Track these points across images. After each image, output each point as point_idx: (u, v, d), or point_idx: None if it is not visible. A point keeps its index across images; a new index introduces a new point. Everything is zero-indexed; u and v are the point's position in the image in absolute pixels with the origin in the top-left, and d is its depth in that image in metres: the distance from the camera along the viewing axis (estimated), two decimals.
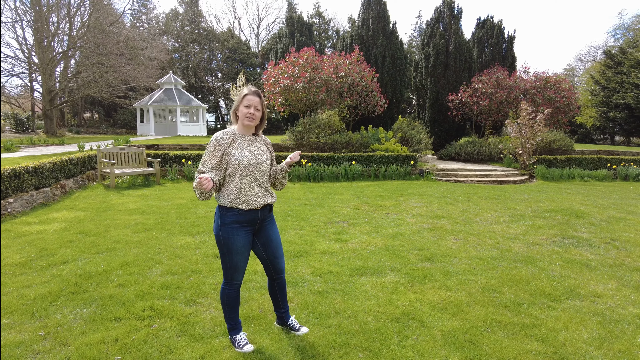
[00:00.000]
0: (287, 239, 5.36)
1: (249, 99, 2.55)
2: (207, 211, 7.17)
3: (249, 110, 2.54)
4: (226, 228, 2.53)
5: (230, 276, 2.64)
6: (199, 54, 48.21)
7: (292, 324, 2.94)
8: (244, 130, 2.61)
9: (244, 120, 2.56)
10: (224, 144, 2.51)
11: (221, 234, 2.55)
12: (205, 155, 2.51)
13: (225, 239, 2.54)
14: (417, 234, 5.71)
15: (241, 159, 2.51)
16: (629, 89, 26.23)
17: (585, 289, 3.74)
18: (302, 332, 2.89)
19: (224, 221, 2.53)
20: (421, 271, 4.16)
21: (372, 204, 8.06)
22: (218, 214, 2.57)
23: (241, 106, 2.57)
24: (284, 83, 13.47)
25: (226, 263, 2.60)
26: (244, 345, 2.68)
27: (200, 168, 2.49)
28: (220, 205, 2.56)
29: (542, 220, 6.62)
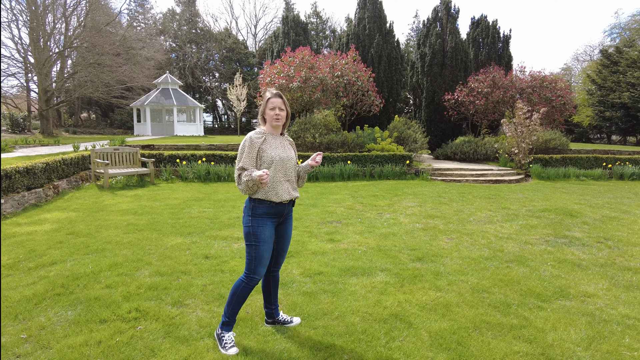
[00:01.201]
0: None
1: (273, 101, 2.76)
2: (199, 211, 7.13)
3: (275, 112, 2.75)
4: (257, 219, 2.73)
5: (254, 269, 2.75)
6: (196, 53, 48.13)
7: (282, 319, 3.05)
8: (272, 130, 2.83)
9: (272, 122, 2.78)
10: (258, 142, 2.72)
11: (251, 224, 2.72)
12: (243, 153, 2.69)
13: (255, 229, 2.72)
14: (409, 234, 5.68)
15: (274, 156, 2.73)
16: (625, 88, 26.28)
17: (576, 289, 3.72)
18: (295, 323, 3.03)
19: (255, 212, 2.73)
20: (412, 271, 4.14)
21: (366, 203, 8.04)
22: (249, 206, 2.76)
23: (267, 109, 2.78)
24: (280, 83, 13.43)
25: (252, 254, 2.73)
26: (230, 348, 2.71)
27: (242, 165, 2.68)
28: (252, 198, 2.75)
29: (536, 219, 6.61)
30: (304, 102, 13.90)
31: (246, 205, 2.79)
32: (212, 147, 15.10)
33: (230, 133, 41.85)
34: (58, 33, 29.94)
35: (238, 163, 2.70)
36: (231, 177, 11.07)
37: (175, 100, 30.81)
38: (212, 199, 8.46)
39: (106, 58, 29.73)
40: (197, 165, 11.12)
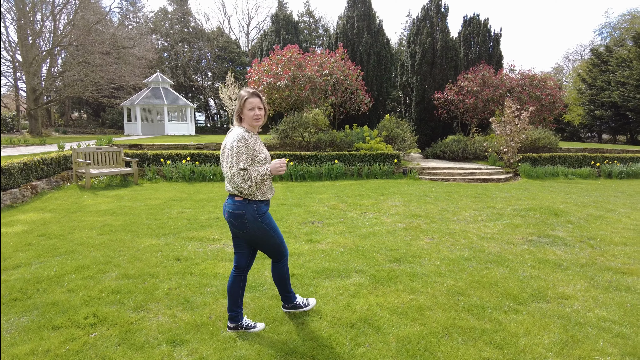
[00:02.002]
0: None
1: (251, 101, 2.73)
2: (179, 212, 6.97)
3: (255, 112, 2.74)
4: (264, 216, 2.82)
5: (282, 252, 2.99)
6: (188, 52, 47.81)
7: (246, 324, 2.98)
8: (252, 129, 2.83)
9: (253, 122, 2.77)
10: (251, 142, 2.71)
11: (262, 222, 2.80)
12: (242, 154, 2.65)
13: (267, 224, 2.83)
14: (390, 234, 5.57)
15: (266, 155, 2.82)
16: (615, 87, 26.38)
17: (554, 291, 3.61)
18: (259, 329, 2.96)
19: (262, 211, 2.80)
20: (387, 273, 4.01)
21: (351, 203, 7.92)
22: (252, 208, 2.75)
23: (245, 110, 2.75)
24: (267, 81, 13.27)
25: (275, 244, 2.90)
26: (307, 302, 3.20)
27: (242, 166, 2.64)
28: (254, 200, 2.76)
29: (521, 219, 6.51)
30: (292, 100, 13.75)
31: (247, 209, 2.74)
32: (200, 146, 14.92)
33: (222, 132, 41.59)
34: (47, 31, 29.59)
35: (238, 164, 2.63)
36: (216, 176, 10.91)
37: (165, 100, 30.53)
38: (194, 199, 8.30)
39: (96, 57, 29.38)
40: (181, 164, 10.94)
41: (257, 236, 2.81)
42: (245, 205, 2.73)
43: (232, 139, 2.66)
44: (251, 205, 2.73)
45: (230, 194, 2.82)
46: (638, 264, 4.37)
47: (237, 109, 2.79)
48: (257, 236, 2.81)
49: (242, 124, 2.80)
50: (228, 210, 2.78)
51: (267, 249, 2.93)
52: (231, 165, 2.63)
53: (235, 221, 2.76)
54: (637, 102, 24.55)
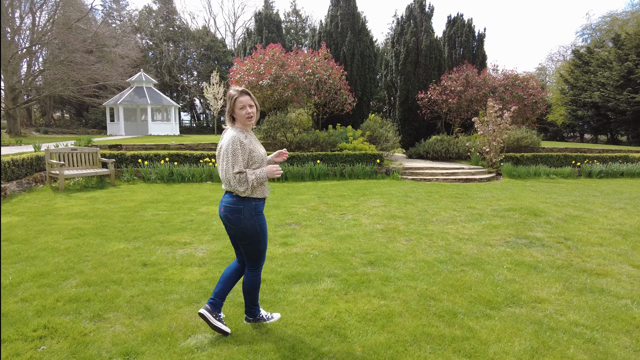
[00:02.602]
0: (228, 244, 5.03)
1: (241, 100, 2.70)
2: (153, 214, 6.77)
3: (246, 110, 2.70)
4: (260, 216, 2.80)
5: (261, 260, 2.92)
6: (173, 52, 47.24)
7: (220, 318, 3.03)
8: (246, 128, 2.79)
9: (246, 121, 2.73)
10: (247, 143, 2.68)
11: (257, 223, 2.77)
12: (238, 156, 2.63)
13: (261, 226, 2.80)
14: (367, 236, 5.46)
15: (262, 154, 2.80)
16: (596, 87, 26.77)
17: (528, 294, 3.54)
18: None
19: (258, 210, 2.78)
20: (360, 277, 3.90)
21: (331, 204, 7.80)
22: (250, 205, 2.73)
23: (236, 109, 2.71)
24: (249, 80, 13.10)
25: (259, 249, 2.84)
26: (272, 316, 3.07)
27: (239, 169, 2.62)
28: (252, 198, 2.73)
29: (500, 219, 6.47)
30: (275, 100, 13.59)
31: (245, 205, 2.72)
32: (182, 146, 14.66)
33: (208, 132, 41.17)
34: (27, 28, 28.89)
35: (234, 167, 2.62)
36: (195, 177, 10.70)
37: (149, 99, 30.05)
38: (170, 200, 8.10)
39: (77, 55, 28.79)
40: (160, 165, 10.71)
41: (248, 234, 2.77)
42: (243, 201, 2.73)
43: (227, 142, 2.64)
44: (249, 202, 2.73)
45: (226, 191, 2.81)
46: (612, 265, 4.33)
47: (228, 109, 2.75)
48: (248, 234, 2.77)
49: (235, 124, 2.77)
50: (225, 204, 2.76)
51: (249, 251, 2.85)
52: (227, 169, 2.63)
53: (232, 215, 2.74)
54: (617, 103, 24.95)
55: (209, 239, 5.31)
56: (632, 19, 34.10)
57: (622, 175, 13.35)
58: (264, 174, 2.68)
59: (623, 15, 36.18)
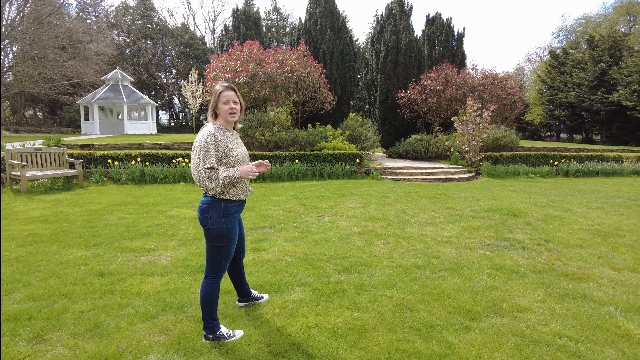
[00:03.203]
0: (194, 251, 4.73)
1: (226, 94, 2.63)
2: (119, 218, 6.40)
3: (230, 106, 2.64)
4: (230, 219, 2.69)
5: (224, 267, 2.78)
6: (151, 49, 46.23)
7: (254, 295, 3.31)
8: (227, 125, 2.72)
9: (228, 117, 2.66)
10: (222, 140, 2.60)
11: (225, 226, 2.67)
12: (210, 152, 2.54)
13: (229, 230, 2.69)
14: (344, 240, 5.23)
15: (239, 154, 2.68)
16: (572, 88, 27.24)
17: (509, 302, 3.35)
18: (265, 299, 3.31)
19: (229, 212, 2.68)
20: (333, 285, 3.66)
21: (309, 205, 7.54)
22: (219, 206, 2.65)
23: (220, 104, 2.65)
24: (225, 77, 12.72)
25: (222, 254, 2.72)
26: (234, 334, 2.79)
27: (210, 165, 2.54)
28: (223, 199, 2.65)
29: (479, 220, 6.32)
30: (252, 98, 13.25)
31: (213, 205, 2.65)
32: (157, 146, 14.21)
33: (187, 131, 40.39)
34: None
35: (204, 162, 2.53)
36: (168, 178, 10.30)
37: (125, 97, 29.18)
38: (140, 203, 7.71)
39: (49, 51, 27.79)
40: (130, 166, 10.26)
41: (213, 235, 2.67)
42: (213, 202, 2.65)
43: (201, 137, 2.56)
44: (219, 203, 2.65)
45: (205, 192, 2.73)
46: (593, 269, 4.20)
47: (212, 104, 2.67)
48: (213, 235, 2.67)
49: (217, 120, 2.70)
50: (200, 205, 2.72)
51: (211, 254, 2.73)
52: (198, 163, 2.54)
53: (201, 215, 2.68)
54: (592, 103, 25.43)
55: (175, 245, 4.99)
56: (605, 22, 34.92)
57: (598, 174, 13.50)
58: (237, 173, 2.58)
59: (596, 18, 37.05)
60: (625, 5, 34.51)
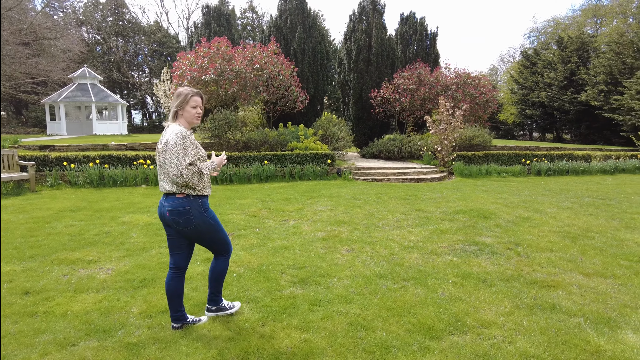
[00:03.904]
0: (140, 263, 4.32)
1: (196, 100, 2.75)
2: (66, 225, 5.90)
3: (197, 111, 2.76)
4: (209, 211, 2.84)
5: (228, 246, 3.00)
6: (123, 47, 44.90)
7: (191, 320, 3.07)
8: (188, 127, 2.79)
9: (193, 120, 2.77)
10: (192, 139, 2.70)
11: (208, 217, 2.81)
12: (188, 149, 2.62)
13: (213, 218, 2.85)
14: (305, 246, 4.90)
15: (204, 152, 2.82)
16: (543, 87, 27.70)
17: (474, 317, 3.09)
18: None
19: (206, 207, 2.82)
20: (285, 301, 3.33)
21: (274, 209, 7.19)
22: (197, 203, 2.74)
23: (188, 107, 2.73)
24: (192, 75, 12.23)
25: (221, 237, 2.92)
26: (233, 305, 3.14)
27: (190, 161, 2.62)
28: (196, 196, 2.74)
29: (448, 223, 6.11)
30: (220, 96, 12.79)
31: (192, 205, 2.72)
32: (122, 147, 13.58)
33: (159, 131, 39.29)
34: None
35: (184, 159, 2.59)
36: (128, 181, 9.77)
37: (93, 97, 28.07)
38: (94, 208, 7.21)
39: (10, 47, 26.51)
40: (88, 168, 9.68)
41: (203, 231, 2.79)
42: (189, 201, 2.71)
43: (175, 136, 2.59)
44: (195, 200, 2.72)
45: (166, 194, 2.73)
46: (563, 274, 4.01)
47: (179, 104, 2.71)
48: (203, 231, 2.79)
49: (178, 121, 2.75)
50: (170, 209, 2.70)
51: (212, 244, 2.91)
52: (179, 162, 2.58)
53: (180, 218, 2.71)
54: (562, 102, 25.89)
55: (120, 256, 4.56)
56: (573, 24, 35.77)
57: (568, 172, 13.62)
58: (215, 166, 2.76)
59: (565, 20, 37.93)
60: (592, 8, 35.41)
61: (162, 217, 2.79)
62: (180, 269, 2.88)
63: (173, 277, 2.87)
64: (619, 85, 22.30)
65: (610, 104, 22.15)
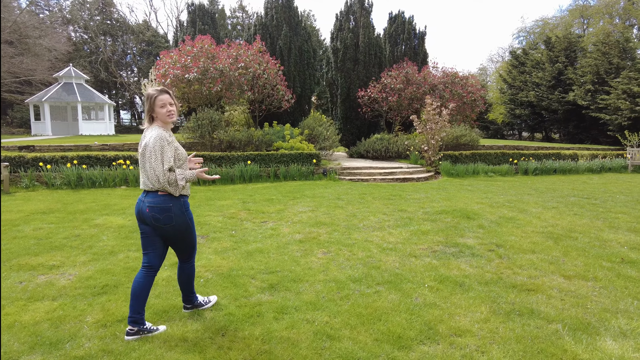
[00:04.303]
0: (104, 268, 4.11)
1: (162, 98, 2.69)
2: (35, 228, 5.67)
3: (167, 109, 2.71)
4: (189, 212, 2.84)
5: (194, 250, 2.99)
6: (111, 46, 44.34)
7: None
8: (166, 127, 2.77)
9: (167, 119, 2.73)
10: (172, 140, 2.70)
11: (187, 218, 2.81)
12: (166, 153, 2.62)
13: (190, 221, 2.86)
14: (281, 249, 4.73)
15: (184, 153, 2.80)
16: (531, 87, 27.81)
17: (447, 324, 2.94)
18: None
19: (187, 207, 2.82)
20: (250, 308, 3.15)
21: (255, 210, 7.00)
22: (179, 203, 2.75)
23: (156, 108, 2.70)
24: (175, 73, 11.98)
25: (192, 240, 2.92)
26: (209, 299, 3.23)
27: (168, 166, 2.62)
28: (180, 195, 2.76)
29: (430, 224, 5.97)
30: (204, 95, 12.56)
31: (174, 203, 2.72)
32: (105, 147, 13.31)
33: None
34: None
35: (162, 164, 2.60)
36: (108, 182, 9.51)
37: (79, 96, 27.58)
38: (68, 210, 6.96)
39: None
40: (66, 169, 9.41)
41: (180, 231, 2.79)
42: (172, 199, 2.72)
43: (154, 140, 2.59)
44: (178, 199, 2.74)
45: (147, 191, 2.71)
46: (544, 277, 3.88)
47: (148, 109, 2.72)
48: (180, 231, 2.79)
49: (154, 123, 2.74)
50: (150, 205, 2.67)
51: (182, 246, 2.89)
52: (156, 167, 2.59)
53: (161, 215, 2.69)
54: (550, 102, 26.00)
55: (85, 260, 4.35)
56: (561, 24, 36.03)
57: (555, 172, 13.60)
58: (194, 176, 2.74)
59: (553, 20, 38.21)
60: (579, 8, 35.68)
61: (140, 214, 2.74)
62: (153, 267, 2.84)
63: (144, 276, 2.80)
64: (605, 84, 22.43)
65: (597, 103, 22.27)
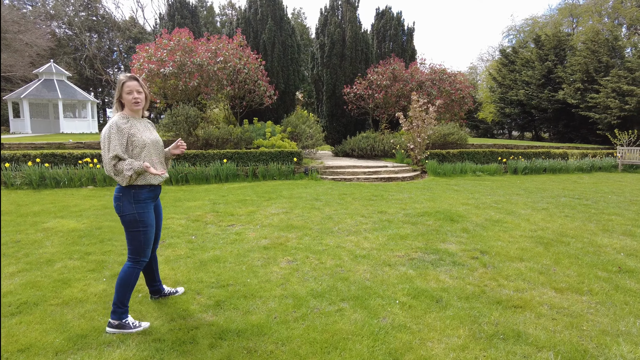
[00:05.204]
0: (33, 280, 3.57)
1: (129, 85, 2.67)
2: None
3: (133, 96, 2.68)
4: (141, 204, 2.72)
5: (143, 253, 2.79)
6: (96, 43, 43.38)
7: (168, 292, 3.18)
8: (133, 114, 2.74)
9: (132, 106, 2.70)
10: (125, 128, 2.63)
11: (136, 211, 2.70)
12: (112, 141, 2.56)
13: (141, 215, 2.72)
14: (240, 257, 4.21)
15: (145, 139, 2.72)
16: (521, 86, 27.56)
17: (417, 353, 2.45)
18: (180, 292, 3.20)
19: (139, 198, 2.71)
20: (185, 333, 2.63)
21: (224, 212, 6.48)
22: (129, 193, 2.68)
23: (124, 94, 2.68)
24: (149, 67, 11.39)
25: (139, 240, 2.75)
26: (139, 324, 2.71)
27: (115, 153, 2.56)
28: (132, 185, 2.66)
29: (410, 227, 5.49)
30: (181, 91, 11.98)
31: (124, 193, 2.67)
32: (80, 145, 12.68)
33: None
34: None
35: (109, 152, 2.56)
36: (73, 181, 8.91)
37: (60, 93, 26.73)
38: (20, 212, 6.38)
39: None
40: (27, 168, 8.79)
41: (126, 222, 2.71)
42: (122, 189, 2.68)
43: (107, 127, 2.59)
44: (128, 190, 2.67)
45: None
46: (533, 290, 3.41)
47: (116, 94, 2.70)
48: (126, 222, 2.71)
49: (123, 111, 2.73)
50: (114, 194, 2.72)
51: (128, 240, 2.77)
52: (104, 154, 2.58)
53: (115, 204, 2.71)
54: (540, 101, 25.76)
55: (14, 271, 3.80)
56: (551, 22, 35.90)
57: (545, 171, 13.25)
58: (140, 168, 2.60)
59: (543, 19, 38.10)
60: (568, 7, 35.58)
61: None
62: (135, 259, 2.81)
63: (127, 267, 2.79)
64: (595, 83, 22.21)
65: (586, 102, 22.04)
